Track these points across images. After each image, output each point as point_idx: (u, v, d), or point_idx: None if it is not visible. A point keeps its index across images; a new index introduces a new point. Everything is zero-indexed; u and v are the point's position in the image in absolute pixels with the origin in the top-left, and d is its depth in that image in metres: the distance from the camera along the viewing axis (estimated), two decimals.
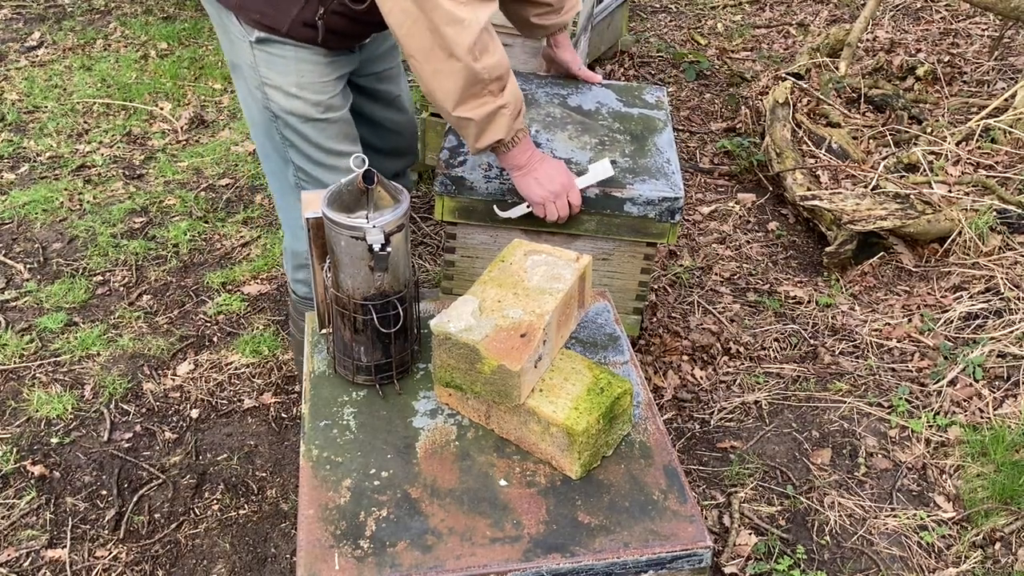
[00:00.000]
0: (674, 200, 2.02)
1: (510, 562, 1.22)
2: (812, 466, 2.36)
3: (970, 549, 2.12)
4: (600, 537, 1.26)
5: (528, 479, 1.34)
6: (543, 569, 1.22)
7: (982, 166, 3.36)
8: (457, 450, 1.39)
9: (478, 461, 1.37)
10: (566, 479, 1.34)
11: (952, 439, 2.39)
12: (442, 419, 1.45)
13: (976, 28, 4.68)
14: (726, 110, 4.14)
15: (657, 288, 2.97)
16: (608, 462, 1.37)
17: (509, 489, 1.33)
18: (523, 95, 1.94)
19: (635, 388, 1.50)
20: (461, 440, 1.41)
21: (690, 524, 1.28)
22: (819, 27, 4.83)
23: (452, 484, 1.34)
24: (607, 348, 1.59)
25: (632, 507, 1.30)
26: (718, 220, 3.40)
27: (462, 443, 1.40)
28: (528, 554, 1.23)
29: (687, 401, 2.56)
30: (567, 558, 1.23)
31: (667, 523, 1.28)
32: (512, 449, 1.39)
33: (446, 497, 1.31)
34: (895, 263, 3.07)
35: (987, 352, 2.60)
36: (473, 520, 1.28)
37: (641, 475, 1.36)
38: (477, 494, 1.32)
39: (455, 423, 1.44)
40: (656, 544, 1.25)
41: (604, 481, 1.34)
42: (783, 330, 2.83)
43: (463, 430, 1.43)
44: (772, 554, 2.11)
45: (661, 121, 2.32)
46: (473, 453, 1.39)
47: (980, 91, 4.06)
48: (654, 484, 1.34)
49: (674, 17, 5.16)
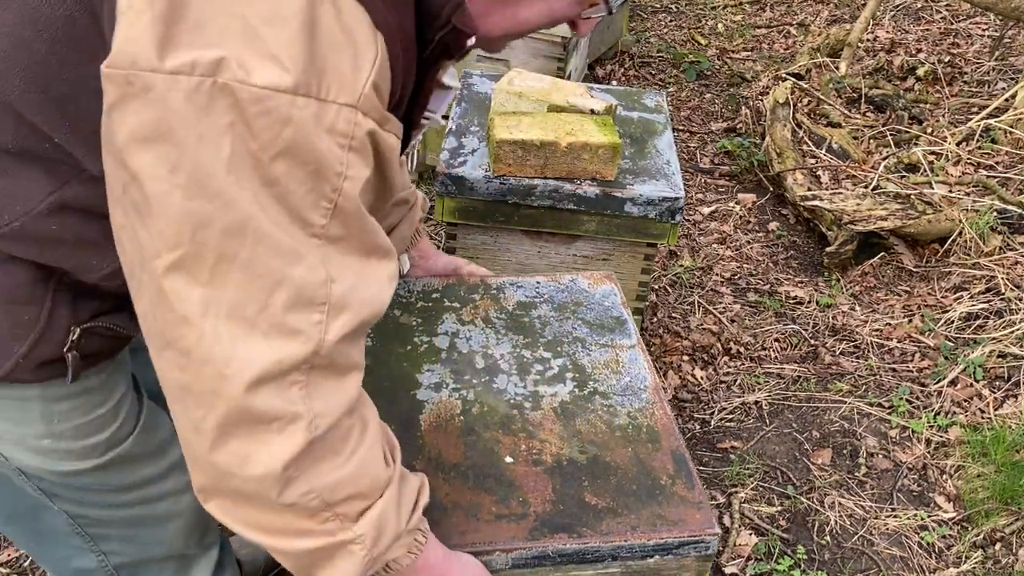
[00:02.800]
0: (674, 200, 2.02)
1: (516, 540, 1.20)
2: (812, 466, 2.35)
3: (970, 549, 2.12)
4: (607, 519, 1.24)
5: (534, 457, 1.32)
6: (549, 548, 1.20)
7: (983, 166, 3.36)
8: (462, 424, 1.37)
9: (483, 437, 1.35)
10: (572, 459, 1.32)
11: (952, 439, 2.39)
12: (447, 392, 1.42)
13: (976, 28, 4.68)
14: (726, 110, 4.14)
15: (657, 288, 2.97)
16: (615, 444, 1.36)
17: (515, 466, 1.31)
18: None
19: (643, 372, 1.49)
20: (466, 415, 1.38)
21: (698, 511, 1.26)
22: (819, 27, 4.82)
23: (457, 459, 1.31)
24: (614, 331, 1.58)
25: (640, 491, 1.28)
26: (718, 220, 3.40)
27: (467, 418, 1.38)
28: (534, 532, 1.21)
29: (687, 401, 2.56)
30: (574, 538, 1.21)
31: (675, 508, 1.26)
32: (518, 426, 1.37)
33: (451, 472, 1.29)
34: (896, 263, 3.07)
35: (987, 352, 2.60)
36: (478, 496, 1.26)
37: (648, 459, 1.34)
38: (482, 470, 1.30)
39: (459, 397, 1.41)
40: (664, 529, 1.23)
41: (611, 463, 1.32)
42: (783, 330, 2.83)
43: (468, 404, 1.40)
44: (772, 554, 2.11)
45: (661, 124, 2.32)
46: (478, 428, 1.36)
47: (980, 91, 4.06)
48: (661, 469, 1.32)
49: (674, 17, 5.16)
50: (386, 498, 0.97)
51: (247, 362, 0.83)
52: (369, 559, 0.97)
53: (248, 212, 0.81)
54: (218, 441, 0.86)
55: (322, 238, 0.86)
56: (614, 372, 1.49)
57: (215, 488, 0.91)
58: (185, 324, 0.83)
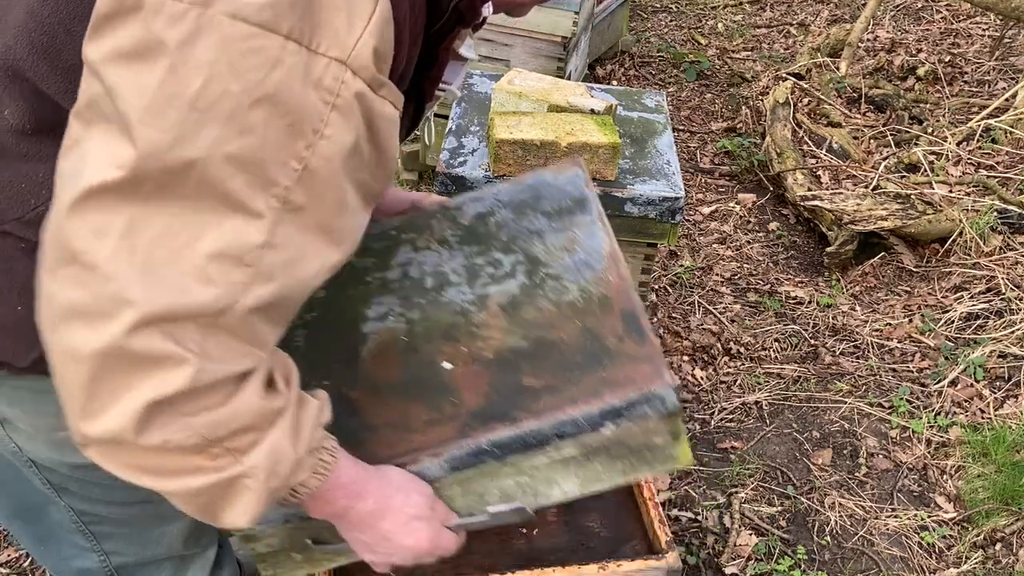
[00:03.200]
0: (674, 200, 2.02)
1: (445, 442, 1.09)
2: (813, 466, 2.35)
3: (971, 550, 2.12)
4: (545, 397, 1.09)
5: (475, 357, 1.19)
6: (483, 442, 1.08)
7: (983, 166, 3.36)
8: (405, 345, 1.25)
9: (424, 350, 1.23)
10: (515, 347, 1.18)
11: (953, 439, 2.39)
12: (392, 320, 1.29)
13: (977, 28, 4.68)
14: (727, 110, 4.14)
15: (657, 288, 2.97)
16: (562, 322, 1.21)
17: (454, 371, 1.19)
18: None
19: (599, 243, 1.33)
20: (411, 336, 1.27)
21: (646, 364, 1.09)
22: (820, 27, 4.82)
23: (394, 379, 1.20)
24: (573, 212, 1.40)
25: (584, 360, 1.13)
26: (718, 220, 3.40)
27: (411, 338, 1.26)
28: (465, 429, 1.09)
29: (688, 401, 2.56)
30: (508, 425, 1.08)
31: (621, 368, 1.10)
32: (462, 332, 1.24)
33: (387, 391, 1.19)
34: (896, 263, 3.07)
35: (988, 352, 2.60)
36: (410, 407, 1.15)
37: (597, 326, 1.17)
38: (420, 383, 1.18)
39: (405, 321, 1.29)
40: (607, 392, 1.07)
41: (555, 340, 1.17)
42: (784, 330, 2.82)
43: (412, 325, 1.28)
44: (773, 554, 2.11)
45: (661, 124, 2.32)
46: (420, 344, 1.24)
47: (981, 91, 4.05)
48: (610, 331, 1.15)
49: (674, 17, 5.16)
50: (279, 427, 0.90)
51: (153, 293, 0.78)
52: (268, 490, 0.91)
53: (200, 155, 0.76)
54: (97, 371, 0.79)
55: (281, 202, 0.81)
56: (569, 252, 1.32)
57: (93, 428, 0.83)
58: (102, 238, 0.77)
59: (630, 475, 1.12)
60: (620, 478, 1.12)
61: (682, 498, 2.25)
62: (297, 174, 0.81)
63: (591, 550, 1.37)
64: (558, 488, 1.12)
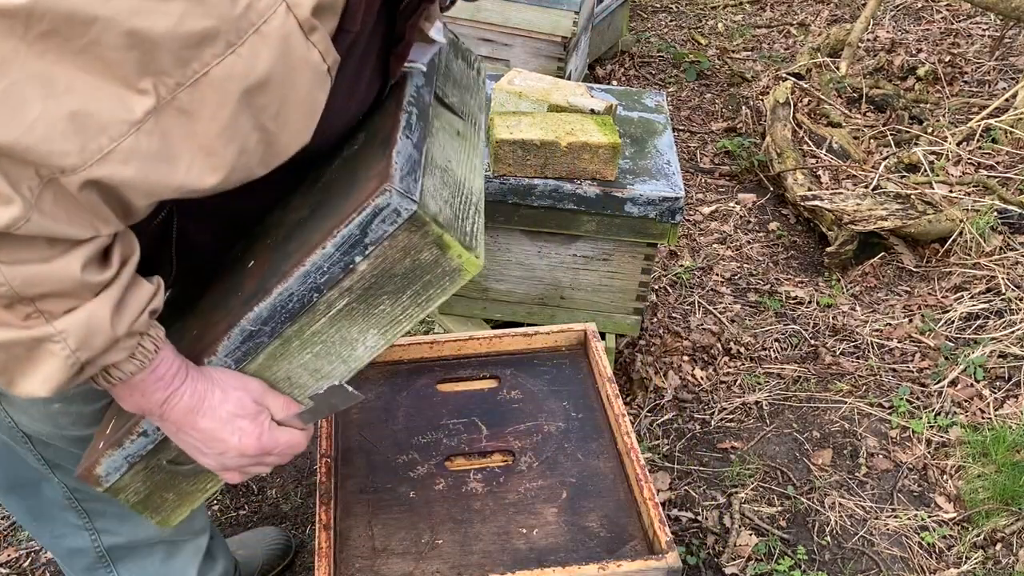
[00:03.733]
0: (674, 200, 2.02)
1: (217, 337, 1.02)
2: (813, 467, 2.35)
3: (971, 550, 2.12)
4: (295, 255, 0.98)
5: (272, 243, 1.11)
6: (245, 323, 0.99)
7: (983, 166, 3.36)
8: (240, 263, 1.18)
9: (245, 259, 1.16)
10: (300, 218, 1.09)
11: (953, 440, 2.39)
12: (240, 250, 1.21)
13: (977, 28, 4.68)
14: (727, 110, 4.13)
15: (657, 288, 2.97)
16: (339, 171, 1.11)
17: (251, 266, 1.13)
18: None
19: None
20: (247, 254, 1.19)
21: (375, 179, 0.94)
22: (820, 27, 4.82)
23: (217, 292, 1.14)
24: None
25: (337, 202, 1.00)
26: (719, 220, 3.40)
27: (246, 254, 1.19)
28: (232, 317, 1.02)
29: (687, 401, 2.56)
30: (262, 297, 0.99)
31: (358, 194, 0.95)
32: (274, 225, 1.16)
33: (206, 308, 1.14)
34: (896, 263, 3.07)
35: (988, 352, 2.60)
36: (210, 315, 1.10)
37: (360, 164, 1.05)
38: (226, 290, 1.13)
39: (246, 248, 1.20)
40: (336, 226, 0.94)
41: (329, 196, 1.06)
42: (784, 330, 2.82)
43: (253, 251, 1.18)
44: (773, 555, 2.11)
45: (661, 124, 2.32)
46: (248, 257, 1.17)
47: (981, 91, 4.05)
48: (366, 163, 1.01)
49: (675, 17, 5.16)
50: (101, 300, 0.86)
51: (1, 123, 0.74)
52: (75, 361, 0.87)
53: (106, 14, 0.72)
54: None
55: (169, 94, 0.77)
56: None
57: None
58: None
59: (425, 305, 1.01)
60: (417, 311, 1.01)
61: (682, 498, 2.26)
62: (195, 76, 0.77)
63: (591, 550, 1.37)
64: (361, 345, 1.03)
